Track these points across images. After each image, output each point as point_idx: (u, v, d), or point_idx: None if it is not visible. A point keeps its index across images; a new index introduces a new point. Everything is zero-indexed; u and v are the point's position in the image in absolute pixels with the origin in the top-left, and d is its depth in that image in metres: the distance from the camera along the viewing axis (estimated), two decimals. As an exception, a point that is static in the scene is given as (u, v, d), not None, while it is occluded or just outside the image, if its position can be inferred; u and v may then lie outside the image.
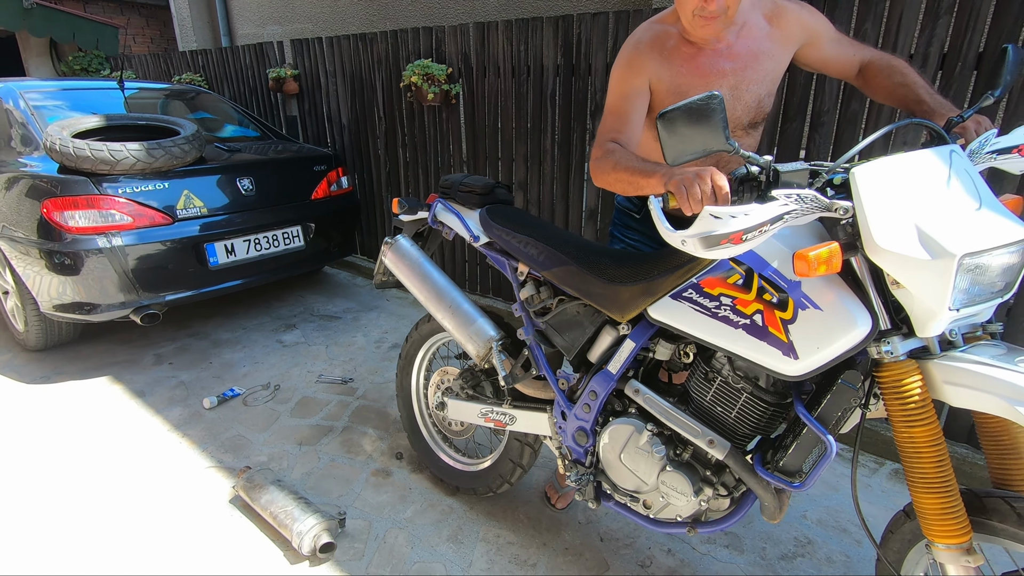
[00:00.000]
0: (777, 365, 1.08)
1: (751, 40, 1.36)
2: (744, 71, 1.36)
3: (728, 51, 1.36)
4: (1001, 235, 0.91)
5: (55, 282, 2.56)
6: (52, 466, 2.08)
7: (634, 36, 1.41)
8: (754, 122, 1.44)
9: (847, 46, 1.43)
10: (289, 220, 3.17)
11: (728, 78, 1.36)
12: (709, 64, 1.36)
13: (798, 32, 1.40)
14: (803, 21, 1.40)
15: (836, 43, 1.43)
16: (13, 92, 3.05)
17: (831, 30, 1.44)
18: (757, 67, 1.37)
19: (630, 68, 1.37)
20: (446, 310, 1.66)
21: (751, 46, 1.36)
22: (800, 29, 1.40)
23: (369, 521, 1.83)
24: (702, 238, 0.93)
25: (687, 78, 1.36)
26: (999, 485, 1.07)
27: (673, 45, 1.37)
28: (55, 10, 6.13)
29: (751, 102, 1.39)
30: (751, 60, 1.36)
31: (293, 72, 4.10)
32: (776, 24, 1.38)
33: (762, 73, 1.38)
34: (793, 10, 1.40)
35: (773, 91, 1.43)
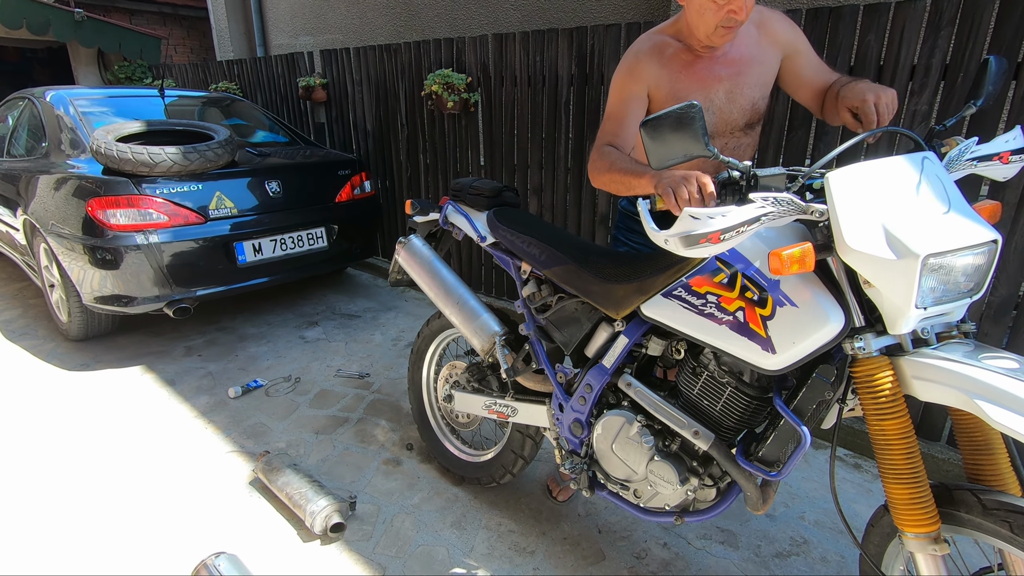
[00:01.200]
0: (757, 359, 1.14)
1: (743, 47, 1.44)
2: (738, 76, 1.44)
3: (723, 58, 1.44)
4: (966, 237, 0.96)
5: (96, 276, 2.74)
6: (90, 447, 2.24)
7: (634, 46, 1.50)
8: (750, 123, 1.51)
9: (824, 74, 1.49)
10: (313, 222, 3.31)
11: (724, 83, 1.44)
12: (706, 71, 1.44)
13: (783, 40, 1.47)
14: (786, 31, 1.48)
15: (816, 67, 1.50)
16: (64, 99, 3.27)
17: (811, 53, 1.51)
18: (750, 72, 1.45)
19: (630, 75, 1.46)
20: (453, 306, 1.75)
21: (743, 52, 1.44)
22: (784, 38, 1.47)
23: (378, 505, 1.92)
24: (682, 237, 1.01)
25: (685, 84, 1.44)
26: (973, 480, 1.10)
27: (671, 54, 1.45)
28: (104, 22, 6.49)
29: (746, 105, 1.47)
30: (744, 66, 1.44)
31: (322, 81, 4.28)
32: (763, 31, 1.46)
33: (754, 77, 1.45)
34: (777, 19, 1.48)
35: (767, 93, 1.50)
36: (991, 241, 0.97)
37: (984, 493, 1.00)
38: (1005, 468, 1.07)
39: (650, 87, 1.46)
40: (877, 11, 1.96)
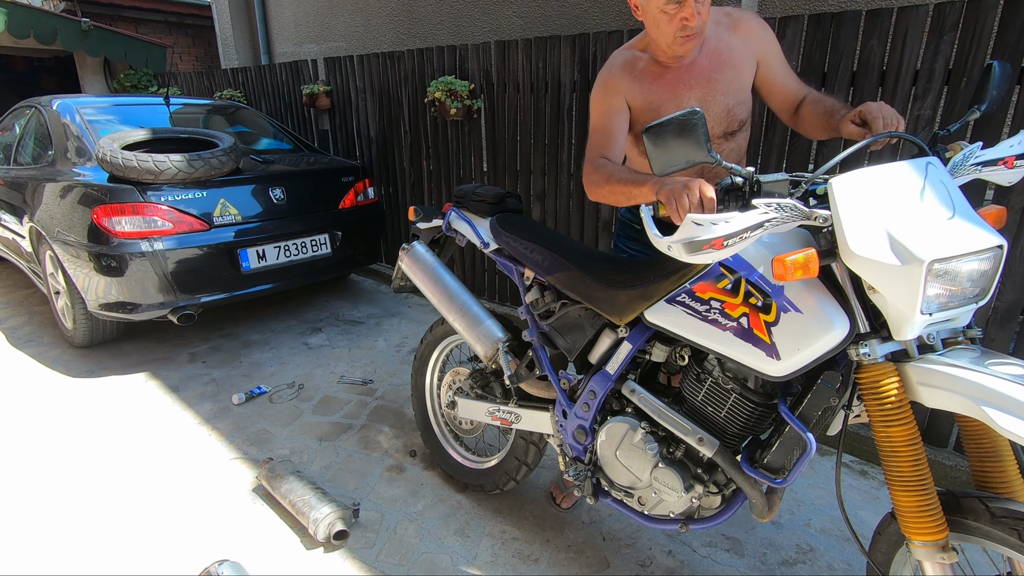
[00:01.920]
0: (761, 366, 1.13)
1: (712, 53, 1.45)
2: (709, 84, 1.45)
3: (692, 66, 1.45)
4: (971, 242, 0.95)
5: (102, 283, 2.75)
6: (94, 453, 2.24)
7: (607, 64, 1.53)
8: (728, 131, 1.51)
9: (793, 80, 1.50)
10: (317, 228, 3.32)
11: (695, 91, 1.45)
12: (676, 80, 1.45)
13: (754, 42, 1.47)
14: (758, 31, 1.47)
15: (784, 72, 1.50)
16: (71, 108, 3.30)
17: (782, 58, 1.50)
18: (720, 78, 1.45)
19: (606, 90, 1.49)
20: (457, 312, 1.75)
21: (713, 59, 1.45)
22: (756, 39, 1.47)
23: (381, 513, 1.92)
24: (686, 244, 1.00)
25: (658, 95, 1.46)
26: (981, 487, 1.09)
27: (643, 67, 1.47)
28: (110, 31, 6.56)
29: (720, 112, 1.47)
30: (715, 72, 1.45)
31: (325, 88, 4.30)
32: (734, 33, 1.46)
33: (725, 83, 1.45)
34: (749, 19, 1.47)
35: (744, 99, 1.49)
36: (996, 246, 0.96)
37: (992, 501, 0.99)
38: (1013, 475, 1.06)
39: (627, 98, 1.49)
40: (879, 16, 1.96)
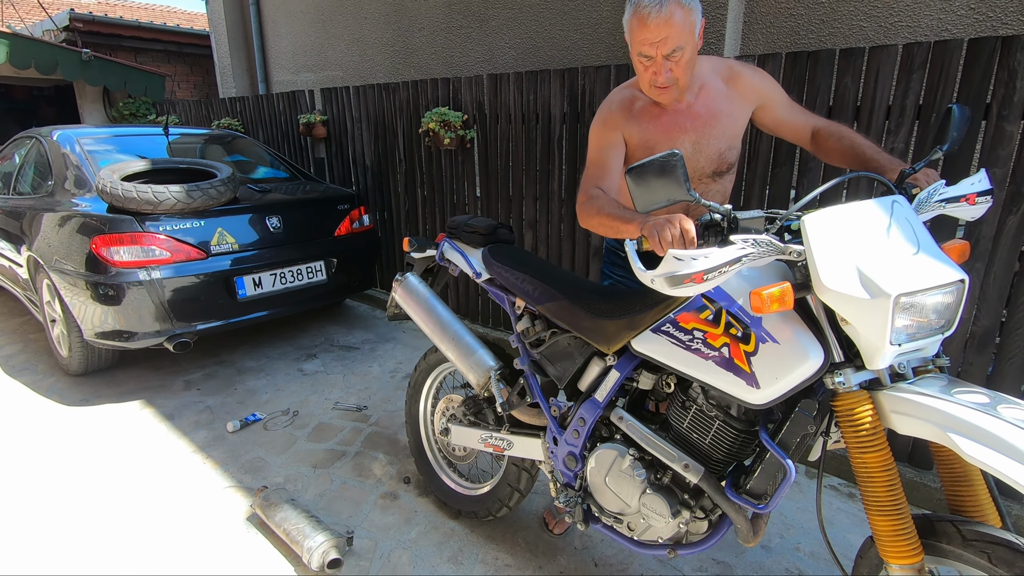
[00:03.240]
0: (742, 394, 1.18)
1: (709, 100, 1.52)
2: (704, 128, 1.52)
3: (688, 111, 1.52)
4: (935, 277, 1.01)
5: (98, 311, 2.78)
6: (88, 482, 2.24)
7: (607, 100, 1.59)
8: (718, 172, 1.58)
9: (799, 113, 1.58)
10: (313, 256, 3.37)
11: (690, 134, 1.52)
12: (672, 122, 1.52)
13: (752, 94, 1.55)
14: (756, 84, 1.55)
15: (789, 108, 1.58)
16: (71, 138, 3.36)
17: (784, 97, 1.58)
18: (716, 124, 1.52)
19: (605, 125, 1.56)
20: (449, 342, 1.79)
21: (709, 106, 1.52)
22: (753, 91, 1.55)
23: (375, 540, 1.93)
24: (667, 277, 1.06)
25: (654, 135, 1.53)
26: (954, 511, 1.13)
27: (641, 107, 1.54)
28: (110, 61, 6.67)
29: (712, 155, 1.54)
30: (710, 118, 1.52)
31: (322, 118, 4.39)
32: (732, 86, 1.54)
33: (720, 129, 1.53)
34: (748, 74, 1.55)
35: (735, 144, 1.57)
36: (959, 281, 1.02)
37: (964, 524, 1.03)
38: (984, 499, 1.10)
39: (624, 135, 1.56)
40: (852, 55, 2.06)
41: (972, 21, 2.61)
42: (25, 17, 8.99)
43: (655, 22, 1.32)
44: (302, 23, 6.16)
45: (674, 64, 1.38)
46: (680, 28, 1.33)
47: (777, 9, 3.12)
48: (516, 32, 4.35)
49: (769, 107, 1.57)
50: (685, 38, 1.34)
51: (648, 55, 1.38)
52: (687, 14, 1.33)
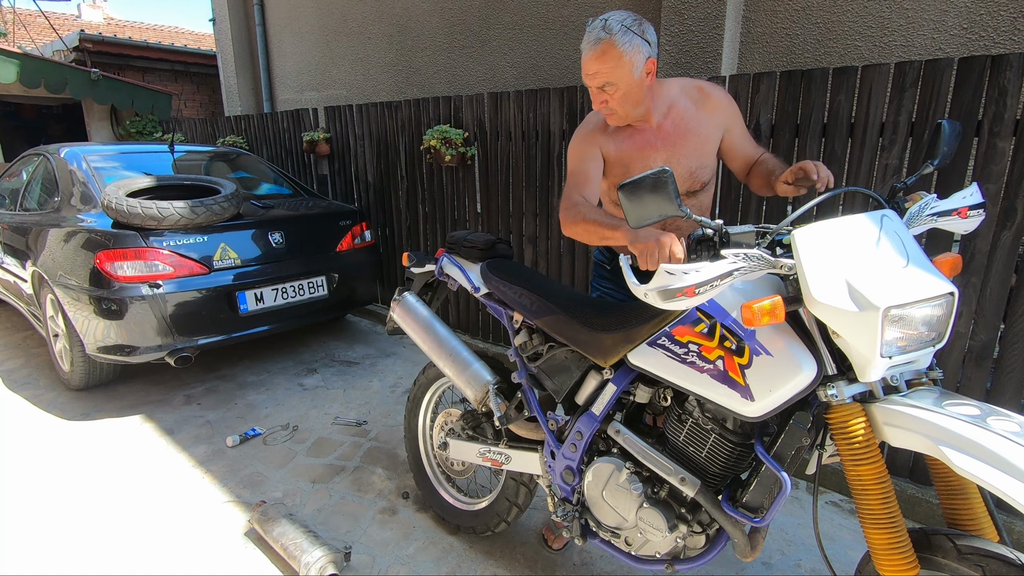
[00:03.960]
0: (737, 407, 1.18)
1: (678, 120, 1.58)
2: (674, 147, 1.58)
3: (658, 130, 1.58)
4: (924, 290, 1.02)
5: (101, 326, 2.80)
6: (87, 497, 2.24)
7: (585, 120, 1.69)
8: (691, 191, 1.63)
9: (751, 145, 1.64)
10: (314, 271, 3.40)
11: (660, 152, 1.58)
12: (644, 141, 1.59)
13: (721, 115, 1.60)
14: (724, 107, 1.61)
15: (745, 137, 1.63)
16: (78, 156, 3.42)
17: (743, 126, 1.65)
18: (684, 143, 1.58)
19: (584, 141, 1.64)
20: (446, 358, 1.80)
21: (678, 125, 1.58)
22: (722, 113, 1.60)
23: (373, 556, 1.92)
24: (660, 291, 1.07)
25: (627, 152, 1.60)
26: (951, 524, 1.13)
27: (615, 127, 1.61)
28: (118, 81, 6.80)
29: (684, 173, 1.59)
30: (679, 137, 1.58)
31: (325, 135, 4.46)
32: (701, 107, 1.59)
33: (690, 148, 1.58)
34: (717, 95, 1.61)
35: (706, 163, 1.62)
36: (948, 293, 1.03)
37: (959, 538, 1.03)
38: (981, 512, 1.10)
39: (601, 150, 1.64)
40: (845, 73, 2.10)
41: (965, 41, 2.65)
42: (36, 38, 9.18)
43: (588, 56, 1.44)
44: (307, 43, 6.27)
45: (608, 96, 1.47)
46: (612, 67, 1.42)
47: (773, 29, 3.18)
48: (517, 51, 4.42)
49: (732, 132, 1.62)
50: (618, 76, 1.43)
51: (587, 84, 1.49)
52: (621, 55, 1.41)
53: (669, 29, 3.25)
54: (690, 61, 3.19)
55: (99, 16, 12.10)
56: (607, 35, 1.40)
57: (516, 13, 4.38)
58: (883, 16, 2.83)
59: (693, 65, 3.18)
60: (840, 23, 2.97)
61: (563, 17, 4.10)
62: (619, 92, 1.46)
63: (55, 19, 10.69)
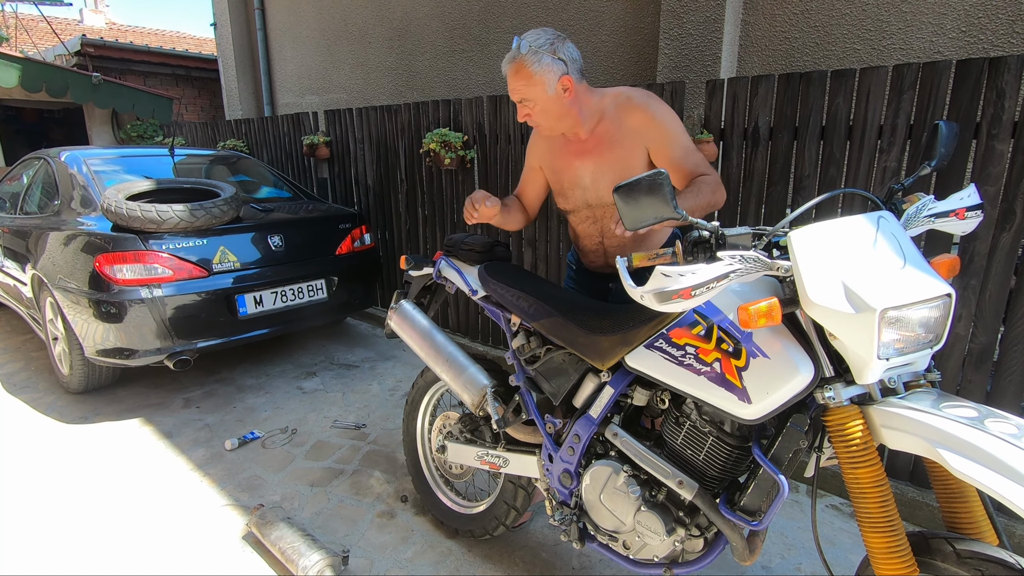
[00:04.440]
0: (734, 409, 1.18)
1: (604, 132, 1.63)
2: (599, 158, 1.64)
3: (586, 142, 1.66)
4: (921, 291, 1.02)
5: (100, 329, 2.80)
6: (85, 500, 2.24)
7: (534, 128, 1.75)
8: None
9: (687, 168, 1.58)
10: (314, 274, 3.40)
11: (588, 162, 1.66)
12: (574, 151, 1.68)
13: (644, 131, 1.59)
14: (645, 126, 1.58)
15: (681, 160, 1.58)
16: (78, 159, 3.43)
17: (675, 145, 1.58)
18: (608, 154, 1.63)
19: (528, 151, 1.85)
20: (443, 364, 1.79)
21: (603, 137, 1.63)
22: (642, 133, 1.59)
23: (371, 560, 1.91)
24: (656, 293, 1.07)
25: (560, 160, 1.72)
26: (950, 528, 1.12)
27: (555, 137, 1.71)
28: (119, 85, 6.82)
29: (609, 183, 1.64)
30: (604, 150, 1.63)
31: (325, 139, 4.46)
32: (626, 119, 1.61)
33: (613, 160, 1.62)
34: (640, 111, 1.59)
35: (631, 175, 1.59)
36: (945, 295, 1.03)
37: (958, 542, 1.02)
38: (980, 516, 1.09)
39: (539, 161, 1.80)
40: (843, 76, 2.10)
41: (963, 43, 2.66)
42: (39, 42, 9.22)
43: (506, 73, 1.55)
44: (308, 47, 6.29)
45: (529, 109, 1.57)
46: (524, 84, 1.53)
47: (772, 32, 3.18)
48: (516, 55, 4.43)
49: (660, 151, 1.59)
50: (532, 93, 1.53)
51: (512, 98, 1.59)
52: (531, 75, 1.51)
53: (668, 32, 3.26)
54: (689, 64, 3.19)
55: (101, 21, 12.15)
56: (517, 56, 1.51)
57: (515, 17, 4.39)
58: (881, 19, 2.84)
59: (692, 68, 3.18)
60: (839, 26, 2.97)
61: (562, 21, 4.11)
62: (536, 107, 1.56)
63: (57, 24, 10.74)
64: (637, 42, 3.74)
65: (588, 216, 1.75)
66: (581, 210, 1.75)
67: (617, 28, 3.83)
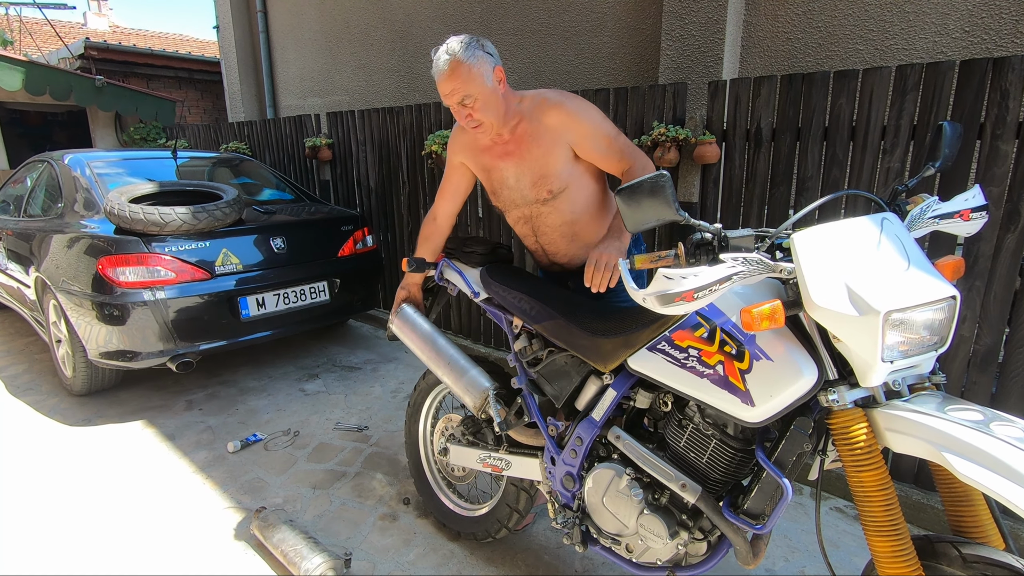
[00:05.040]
0: (737, 412, 1.17)
1: (523, 133, 1.67)
2: (520, 157, 1.67)
3: (507, 142, 1.69)
4: (925, 294, 1.01)
5: (103, 331, 2.80)
6: (88, 503, 2.24)
7: (456, 124, 1.80)
8: (540, 199, 1.69)
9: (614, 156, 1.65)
10: (316, 276, 3.40)
11: (511, 162, 1.70)
12: (497, 150, 1.71)
13: (562, 130, 1.62)
14: (563, 123, 1.62)
15: (606, 150, 1.64)
16: (81, 162, 3.44)
17: (601, 138, 1.63)
18: (527, 154, 1.67)
19: (450, 147, 1.84)
20: (445, 367, 1.78)
21: (522, 138, 1.67)
22: (563, 128, 1.62)
23: (373, 563, 1.91)
24: (659, 296, 1.07)
25: (486, 159, 1.74)
26: (956, 532, 1.11)
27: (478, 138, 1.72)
28: (122, 88, 6.84)
29: (529, 182, 1.68)
30: (523, 149, 1.67)
31: (327, 141, 4.47)
32: (544, 120, 1.63)
33: (532, 159, 1.66)
34: (557, 110, 1.62)
35: (552, 173, 1.66)
36: (949, 297, 1.02)
37: (964, 546, 1.02)
38: (986, 520, 1.09)
39: (463, 157, 1.81)
40: (846, 77, 2.09)
41: (967, 44, 2.65)
42: (42, 46, 9.26)
43: (441, 78, 1.55)
44: (310, 50, 6.31)
45: (472, 109, 1.56)
46: (463, 80, 1.53)
47: (774, 33, 3.17)
48: (520, 57, 4.43)
49: (581, 146, 1.64)
50: (472, 88, 1.53)
51: (447, 105, 1.59)
52: (469, 69, 1.52)
53: (670, 33, 3.25)
54: (691, 65, 3.19)
55: (104, 24, 12.21)
56: (452, 55, 1.52)
57: (517, 19, 4.39)
58: (884, 19, 2.83)
59: (694, 69, 3.18)
60: (841, 27, 2.96)
61: (564, 23, 4.11)
62: (478, 103, 1.56)
63: (61, 27, 10.79)
64: (639, 43, 3.74)
65: (520, 216, 1.78)
66: (511, 210, 1.79)
67: (619, 29, 3.83)
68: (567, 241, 1.75)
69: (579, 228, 1.74)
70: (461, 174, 1.85)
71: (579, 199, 1.71)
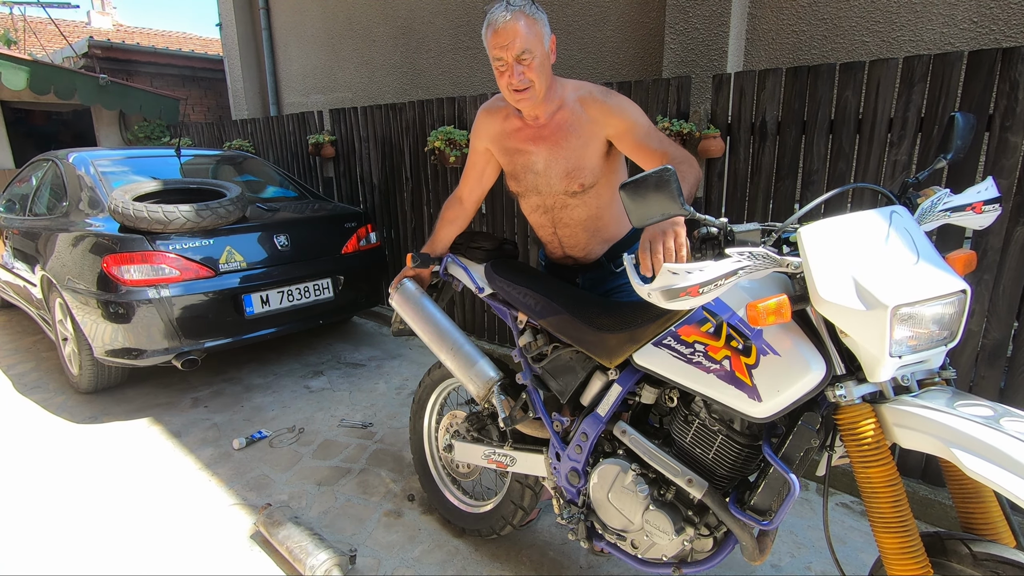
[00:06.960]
0: (744, 407, 1.16)
1: (562, 120, 1.59)
2: (555, 146, 1.60)
3: (543, 128, 1.62)
4: (934, 287, 0.99)
5: (109, 329, 2.81)
6: (94, 500, 2.25)
7: (481, 107, 1.76)
8: (569, 191, 1.62)
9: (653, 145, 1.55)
10: (320, 273, 3.40)
11: (543, 148, 1.63)
12: (528, 136, 1.64)
13: (603, 123, 1.56)
14: (609, 116, 1.55)
15: (645, 139, 1.55)
16: (86, 161, 3.44)
17: (640, 130, 1.56)
18: (564, 143, 1.59)
19: (474, 134, 1.78)
20: (448, 351, 1.76)
21: (561, 125, 1.59)
22: (604, 121, 1.56)
23: (378, 559, 1.91)
24: (664, 291, 1.06)
25: (513, 143, 1.68)
26: (966, 528, 1.10)
27: (504, 116, 1.68)
28: (126, 86, 6.85)
29: (561, 172, 1.61)
30: (560, 137, 1.59)
31: (330, 138, 4.47)
32: (587, 110, 1.57)
33: (568, 149, 1.59)
34: (600, 104, 1.56)
35: (585, 167, 1.59)
36: (959, 291, 1.00)
37: (975, 543, 1.00)
38: (997, 517, 1.07)
39: (488, 141, 1.74)
40: (853, 69, 2.07)
41: (975, 34, 2.61)
42: (47, 45, 9.28)
43: (503, 27, 1.46)
44: (313, 47, 6.30)
45: (526, 67, 1.48)
46: (526, 34, 1.45)
47: (780, 25, 3.14)
48: (521, 52, 4.41)
49: (622, 139, 1.57)
50: (532, 43, 1.46)
51: (500, 57, 1.48)
52: (532, 24, 1.46)
53: (674, 27, 3.23)
54: (695, 59, 3.16)
55: (108, 23, 12.22)
56: (518, 7, 1.46)
57: (520, 13, 4.36)
58: (891, 10, 2.80)
59: (698, 63, 3.15)
60: (847, 18, 2.93)
61: (566, 18, 4.09)
62: (535, 62, 1.48)
63: (64, 26, 10.81)
64: (642, 37, 3.71)
65: (540, 205, 1.72)
66: (531, 195, 1.72)
67: (622, 23, 3.80)
68: (588, 235, 1.71)
69: (603, 224, 1.70)
70: (486, 160, 1.78)
71: (606, 194, 1.67)
